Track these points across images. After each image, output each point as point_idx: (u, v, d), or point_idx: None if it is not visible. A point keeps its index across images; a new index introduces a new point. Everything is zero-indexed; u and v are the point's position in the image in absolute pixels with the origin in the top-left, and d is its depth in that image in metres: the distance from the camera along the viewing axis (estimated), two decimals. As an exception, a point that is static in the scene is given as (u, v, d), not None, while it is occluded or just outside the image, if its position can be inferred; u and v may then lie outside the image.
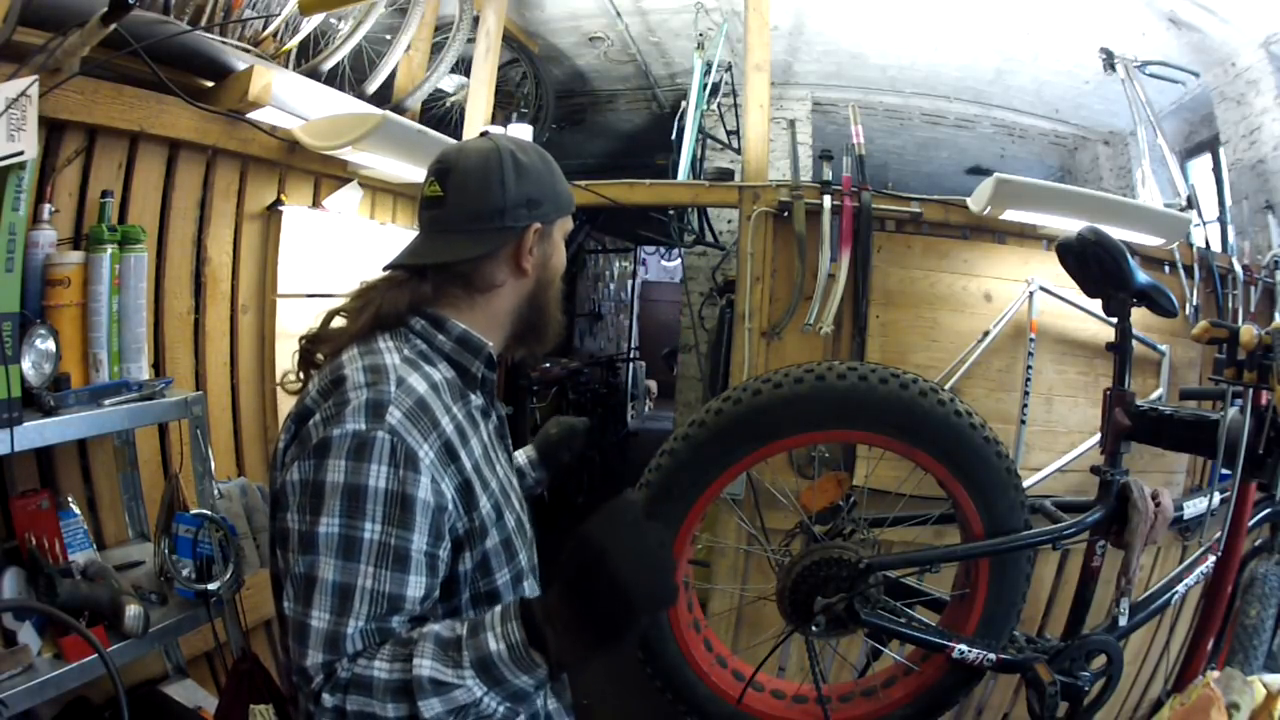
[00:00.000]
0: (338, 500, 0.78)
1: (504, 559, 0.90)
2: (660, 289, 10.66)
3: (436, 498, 0.81)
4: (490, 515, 0.89)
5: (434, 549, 0.82)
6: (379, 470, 0.78)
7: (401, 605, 0.79)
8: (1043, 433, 2.41)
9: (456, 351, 0.94)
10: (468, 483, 0.86)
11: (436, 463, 0.82)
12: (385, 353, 0.88)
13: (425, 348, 0.93)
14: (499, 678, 0.74)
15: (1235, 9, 2.92)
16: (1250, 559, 1.55)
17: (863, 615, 1.27)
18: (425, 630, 0.77)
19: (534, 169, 0.97)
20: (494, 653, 0.73)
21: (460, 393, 0.93)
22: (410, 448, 0.80)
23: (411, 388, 0.84)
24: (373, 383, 0.83)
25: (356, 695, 0.74)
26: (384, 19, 2.50)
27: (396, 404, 0.81)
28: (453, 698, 0.73)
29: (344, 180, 2.26)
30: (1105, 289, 1.36)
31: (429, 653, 0.74)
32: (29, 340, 1.26)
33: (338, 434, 0.79)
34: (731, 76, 3.70)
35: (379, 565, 0.78)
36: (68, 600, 1.24)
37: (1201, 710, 1.21)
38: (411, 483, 0.79)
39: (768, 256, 2.46)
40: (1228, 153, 3.25)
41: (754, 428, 1.23)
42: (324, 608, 0.77)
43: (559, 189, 1.01)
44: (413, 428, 0.81)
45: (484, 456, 0.92)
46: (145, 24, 1.59)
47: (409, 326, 0.94)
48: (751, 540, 1.59)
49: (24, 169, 1.24)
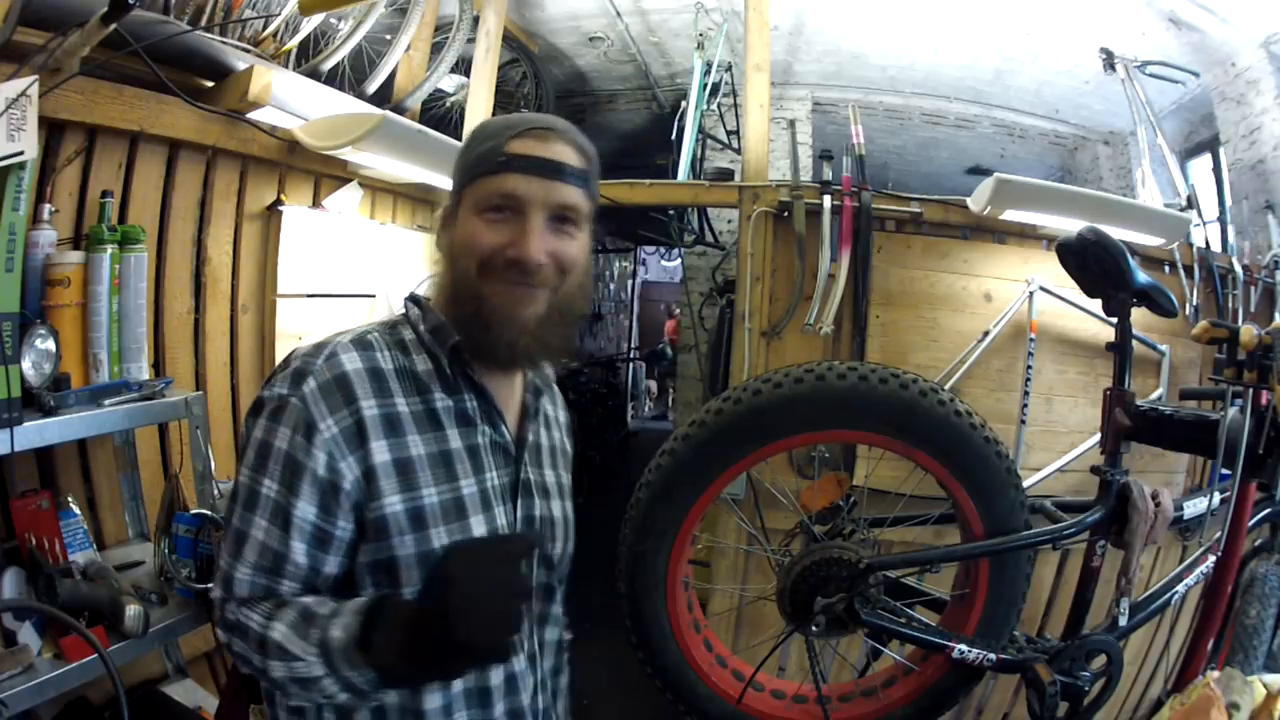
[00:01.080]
0: (253, 453, 0.83)
1: (417, 576, 0.83)
2: (660, 289, 10.66)
3: (330, 473, 0.81)
4: (400, 520, 0.83)
5: (323, 522, 0.81)
6: (284, 433, 0.81)
7: (283, 566, 0.81)
8: (1043, 433, 2.41)
9: (431, 342, 0.90)
10: (371, 472, 0.82)
11: (339, 440, 0.81)
12: (349, 332, 0.89)
13: (407, 336, 0.91)
14: (334, 665, 0.75)
15: (1235, 9, 2.92)
16: (1250, 559, 1.55)
17: (863, 615, 1.27)
18: (301, 600, 0.81)
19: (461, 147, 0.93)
20: (333, 638, 0.74)
21: (421, 386, 0.88)
22: (310, 418, 0.81)
23: (338, 363, 0.83)
24: (308, 354, 0.85)
25: (237, 639, 0.81)
26: (384, 19, 2.49)
27: (316, 375, 0.82)
28: (293, 668, 0.76)
29: (344, 180, 2.26)
30: (1105, 289, 1.36)
31: (288, 620, 0.78)
32: (29, 340, 1.26)
33: (266, 395, 0.84)
34: (731, 76, 3.70)
35: (270, 521, 0.81)
36: (68, 600, 1.24)
37: (1201, 710, 1.21)
38: (304, 451, 0.80)
39: (768, 256, 2.46)
40: (1228, 153, 3.25)
41: (754, 428, 1.23)
42: (226, 549, 0.83)
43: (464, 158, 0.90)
44: (321, 400, 0.81)
45: (431, 459, 0.85)
46: (145, 24, 1.59)
47: (406, 313, 0.94)
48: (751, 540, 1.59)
49: (24, 169, 1.24)
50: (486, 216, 0.86)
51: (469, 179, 0.88)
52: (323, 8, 2.03)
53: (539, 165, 0.86)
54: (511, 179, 0.85)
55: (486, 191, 0.86)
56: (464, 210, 0.89)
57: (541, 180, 0.86)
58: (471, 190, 0.88)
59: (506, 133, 0.87)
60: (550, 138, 0.88)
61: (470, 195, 0.88)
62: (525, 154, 0.86)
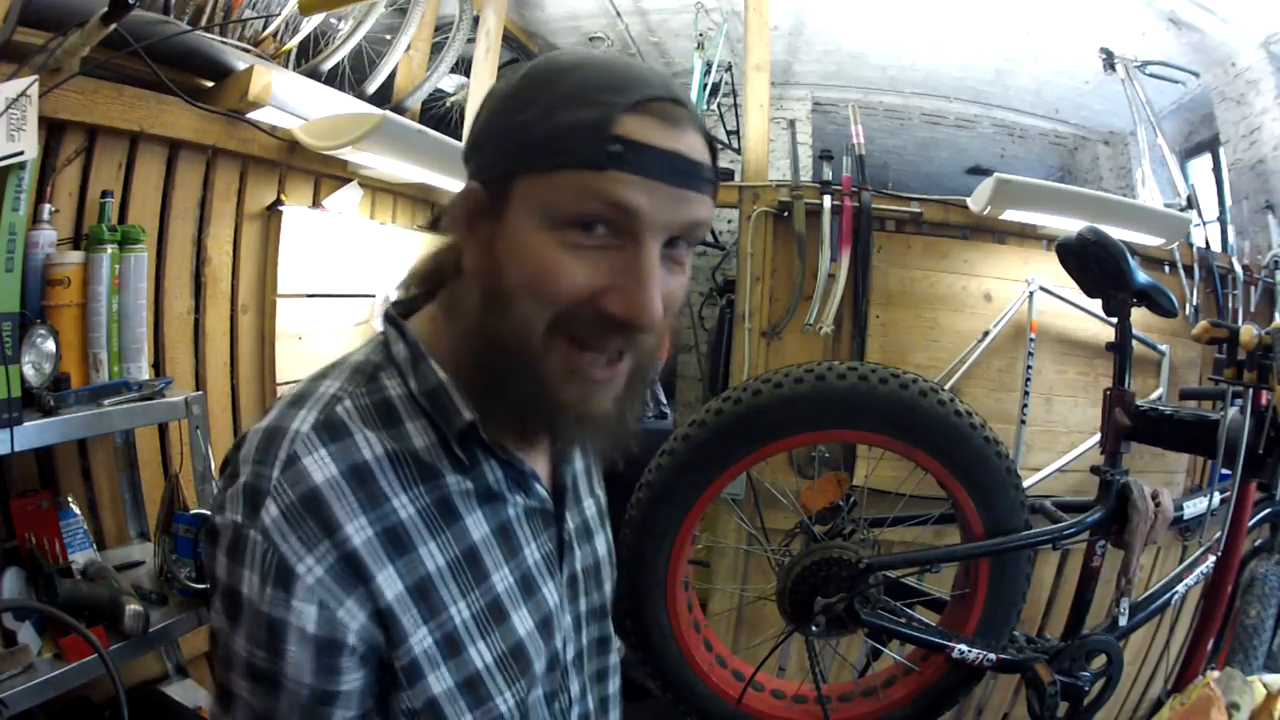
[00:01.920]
0: (220, 597, 0.59)
1: (466, 703, 0.63)
2: (660, 289, 10.65)
3: (325, 628, 0.57)
4: (431, 654, 0.61)
5: (324, 684, 0.59)
6: (251, 578, 0.57)
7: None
8: (1043, 433, 2.41)
9: (432, 410, 0.63)
10: (385, 614, 0.59)
11: (327, 583, 0.57)
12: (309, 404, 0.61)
13: (398, 392, 0.64)
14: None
15: (1235, 9, 2.92)
16: (1250, 559, 1.55)
17: (863, 615, 1.27)
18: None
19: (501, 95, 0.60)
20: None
21: (425, 471, 0.62)
22: (283, 561, 0.56)
23: (301, 474, 0.57)
24: (259, 458, 0.59)
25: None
26: (384, 19, 2.49)
27: (275, 496, 0.57)
28: None
29: (344, 180, 2.26)
30: (1105, 289, 1.36)
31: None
32: (29, 340, 1.26)
33: (220, 522, 0.59)
34: (731, 76, 3.70)
35: (252, 682, 0.58)
36: (68, 600, 1.24)
37: (1201, 710, 1.21)
38: (280, 605, 0.56)
39: (768, 256, 2.46)
40: (1228, 153, 3.25)
41: (754, 428, 1.23)
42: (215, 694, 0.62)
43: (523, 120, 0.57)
44: (290, 533, 0.56)
45: (459, 563, 0.63)
46: (145, 24, 1.59)
47: (391, 354, 0.65)
48: (751, 540, 1.59)
49: (24, 169, 1.24)
50: (570, 237, 0.56)
51: (540, 164, 0.56)
52: (323, 8, 2.03)
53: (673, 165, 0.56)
54: (630, 185, 0.54)
55: (580, 195, 0.55)
56: (524, 215, 0.57)
57: (672, 190, 0.56)
58: (545, 184, 0.56)
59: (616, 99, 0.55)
60: (682, 118, 0.57)
61: (541, 192, 0.56)
62: (653, 145, 0.55)
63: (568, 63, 0.59)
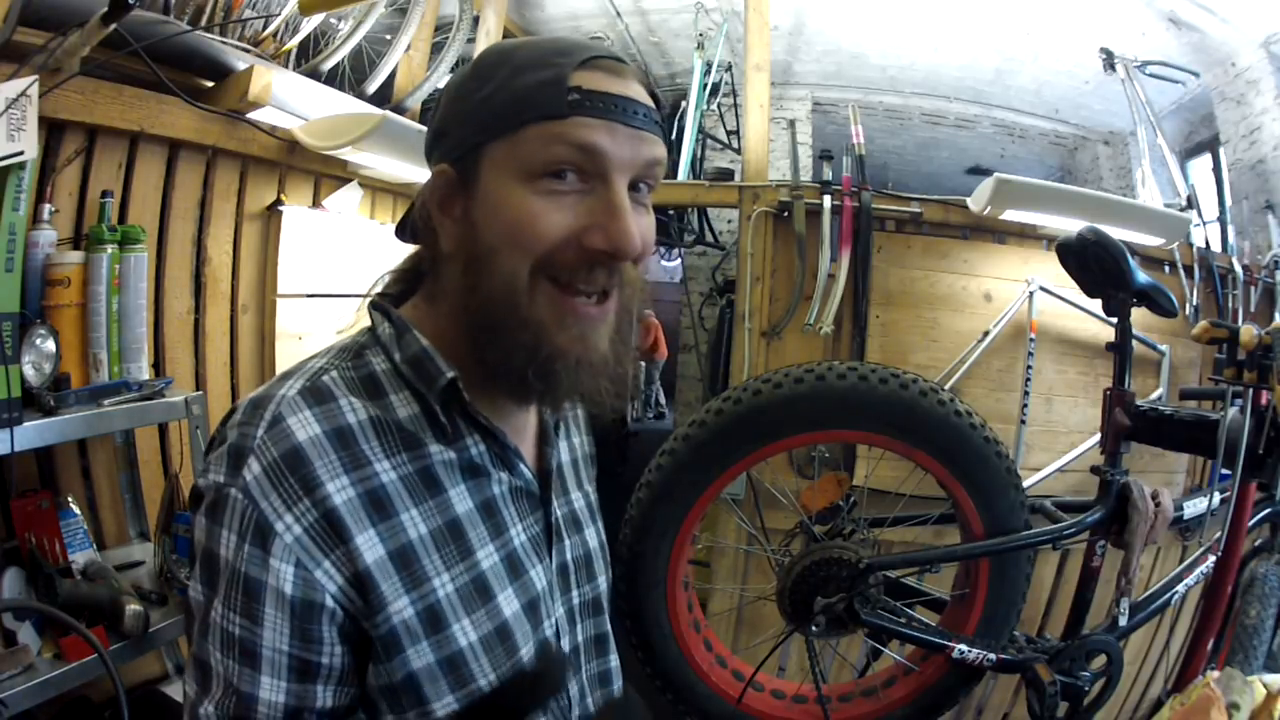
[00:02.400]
0: (199, 563, 0.60)
1: (448, 684, 0.62)
2: (660, 289, 10.66)
3: (302, 588, 0.57)
4: (411, 625, 0.60)
5: (302, 651, 0.58)
6: (228, 538, 0.57)
7: (254, 710, 0.57)
8: (1043, 433, 2.41)
9: (414, 378, 0.64)
10: (362, 577, 0.58)
11: (304, 542, 0.57)
12: (294, 376, 0.63)
13: (383, 367, 0.65)
14: None
15: (1235, 9, 2.92)
16: (1250, 559, 1.55)
17: (863, 615, 1.27)
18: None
19: (460, 80, 0.65)
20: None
21: (408, 440, 0.63)
22: (262, 518, 0.56)
23: (285, 433, 0.58)
24: (245, 420, 0.60)
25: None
26: (384, 19, 2.49)
27: (258, 454, 0.58)
28: None
29: (344, 180, 2.26)
30: (1105, 289, 1.36)
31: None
32: (29, 340, 1.26)
33: (203, 484, 0.60)
34: (731, 76, 3.70)
35: (226, 653, 0.58)
36: (68, 600, 1.24)
37: (1201, 710, 1.21)
38: (257, 564, 0.56)
39: (768, 256, 2.46)
40: (1228, 153, 3.25)
41: (754, 428, 1.23)
42: (190, 677, 0.61)
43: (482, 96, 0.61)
44: (270, 490, 0.57)
45: (438, 536, 0.63)
46: (145, 24, 1.59)
47: (377, 333, 0.68)
48: (751, 540, 1.59)
49: (24, 169, 1.24)
50: (544, 185, 0.60)
51: (506, 126, 0.59)
52: (323, 8, 2.03)
53: (626, 108, 0.60)
54: (589, 126, 0.58)
55: (547, 144, 0.58)
56: (495, 177, 0.61)
57: (630, 131, 0.60)
58: (513, 144, 0.59)
59: (564, 60, 0.59)
60: (626, 72, 0.62)
61: (511, 152, 0.60)
62: (607, 91, 0.59)
63: (514, 43, 0.64)
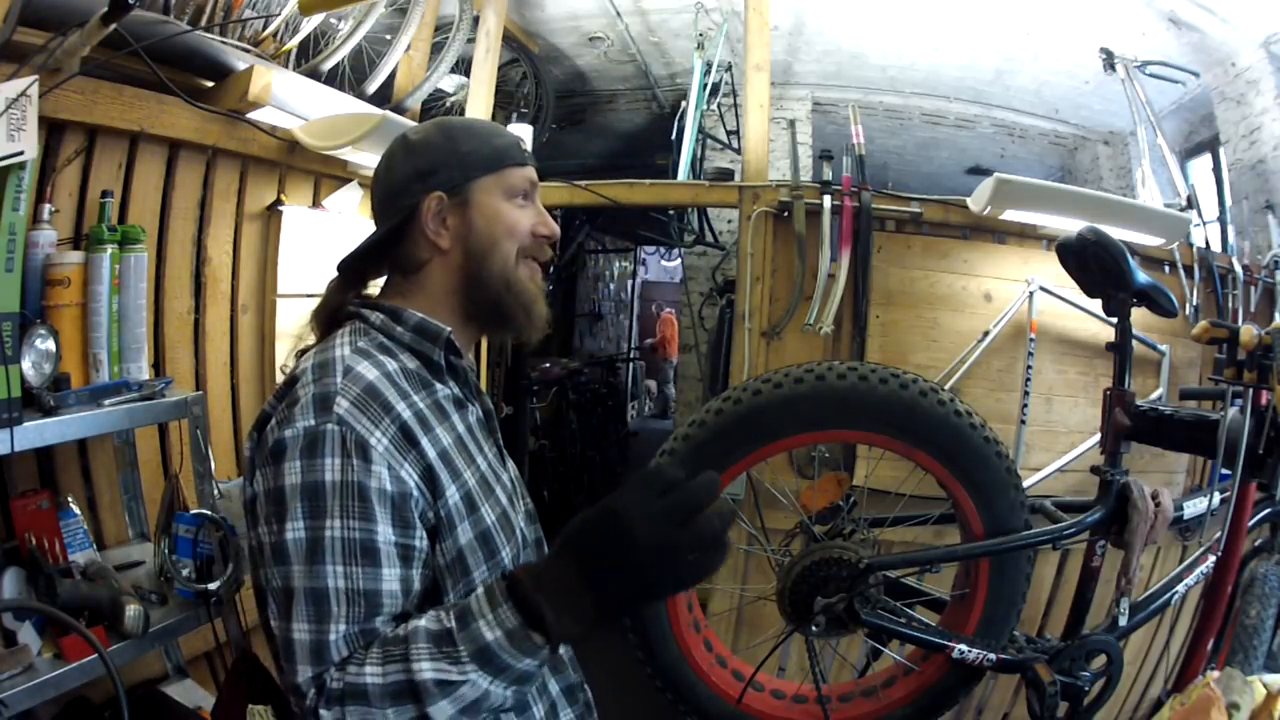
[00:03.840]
0: (299, 502, 0.75)
1: (481, 556, 0.84)
2: (660, 289, 10.66)
3: (396, 484, 0.77)
4: (459, 507, 0.83)
5: (404, 538, 0.77)
6: (332, 463, 0.75)
7: (379, 602, 0.75)
8: (1043, 433, 2.41)
9: (416, 340, 0.90)
10: (430, 469, 0.81)
11: (393, 449, 0.78)
12: (336, 347, 0.85)
13: (385, 340, 0.89)
14: (502, 665, 0.69)
15: (1235, 9, 2.92)
16: (1250, 559, 1.55)
17: (863, 615, 1.27)
18: (412, 628, 0.72)
19: (424, 142, 0.94)
20: (491, 642, 0.69)
21: (423, 382, 0.88)
22: (360, 436, 0.76)
23: (359, 375, 0.80)
24: (319, 378, 0.80)
25: (354, 705, 0.70)
26: (384, 19, 2.50)
27: (343, 393, 0.78)
28: (460, 695, 0.69)
29: (344, 180, 2.26)
30: (1105, 289, 1.36)
31: (425, 653, 0.70)
32: (29, 340, 1.26)
33: (289, 434, 0.77)
34: (731, 76, 3.70)
35: (348, 563, 0.74)
36: (68, 600, 1.24)
37: (1201, 710, 1.21)
38: (364, 472, 0.75)
39: (768, 256, 2.46)
40: (1228, 153, 3.25)
41: (754, 428, 1.23)
42: (303, 617, 0.74)
43: (465, 150, 0.93)
44: (361, 415, 0.77)
45: (456, 445, 0.86)
46: (145, 24, 1.59)
47: (368, 321, 0.91)
48: (751, 540, 1.59)
49: (24, 169, 1.24)
50: (517, 203, 0.94)
51: (491, 168, 0.93)
52: (323, 8, 2.03)
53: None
54: (531, 170, 0.97)
55: (519, 180, 0.95)
56: (487, 198, 0.93)
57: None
58: (498, 179, 0.94)
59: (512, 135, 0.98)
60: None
61: (496, 184, 0.94)
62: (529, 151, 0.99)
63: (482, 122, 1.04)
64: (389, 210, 0.95)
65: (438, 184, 0.92)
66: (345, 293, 0.96)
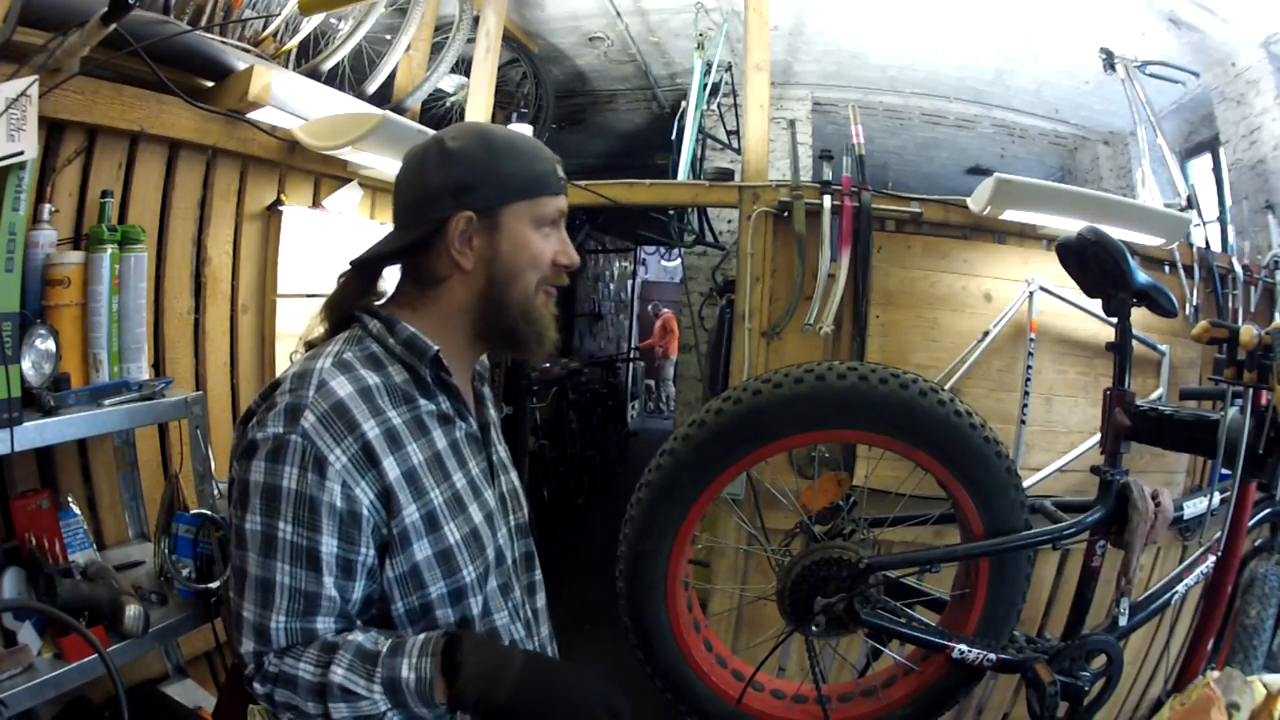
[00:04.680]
0: (258, 499, 0.81)
1: (440, 573, 0.87)
2: (660, 289, 10.67)
3: (347, 502, 0.81)
4: (417, 525, 0.85)
5: (346, 553, 0.82)
6: (290, 472, 0.80)
7: (318, 604, 0.82)
8: (1043, 433, 2.41)
9: (405, 354, 0.91)
10: (388, 490, 0.83)
11: (350, 468, 0.81)
12: (321, 356, 0.87)
13: (377, 349, 0.91)
14: (401, 701, 0.80)
15: (1235, 9, 2.92)
16: (1250, 559, 1.55)
17: (863, 615, 1.27)
18: (350, 639, 0.82)
19: (464, 153, 0.91)
20: (403, 679, 0.79)
21: (405, 396, 0.89)
22: (319, 452, 0.80)
23: (330, 391, 0.83)
24: (295, 388, 0.83)
25: (282, 689, 0.82)
26: (384, 19, 2.50)
27: (312, 408, 0.81)
28: (358, 707, 0.80)
29: (344, 180, 2.26)
30: (1105, 289, 1.36)
31: (345, 662, 0.80)
32: (29, 340, 1.26)
33: (260, 436, 0.82)
34: (731, 76, 3.70)
35: (294, 564, 0.81)
36: (68, 600, 1.24)
37: (1201, 710, 1.21)
38: (317, 486, 0.80)
39: (768, 256, 2.46)
40: (1228, 153, 3.25)
41: (754, 428, 1.23)
42: (251, 600, 0.82)
43: (507, 171, 0.91)
44: (324, 431, 0.81)
45: (430, 462, 0.88)
46: (145, 24, 1.59)
47: (366, 327, 0.92)
48: (751, 540, 1.59)
49: (24, 169, 1.24)
50: (544, 231, 0.94)
51: (527, 195, 0.92)
52: (323, 8, 2.03)
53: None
54: (563, 199, 0.96)
55: (550, 209, 0.94)
56: (517, 224, 0.92)
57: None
58: (531, 206, 0.92)
59: (551, 160, 0.95)
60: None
61: (529, 211, 0.92)
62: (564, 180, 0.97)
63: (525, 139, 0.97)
64: (416, 217, 0.92)
65: (471, 202, 0.90)
66: (358, 291, 0.97)
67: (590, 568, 1.11)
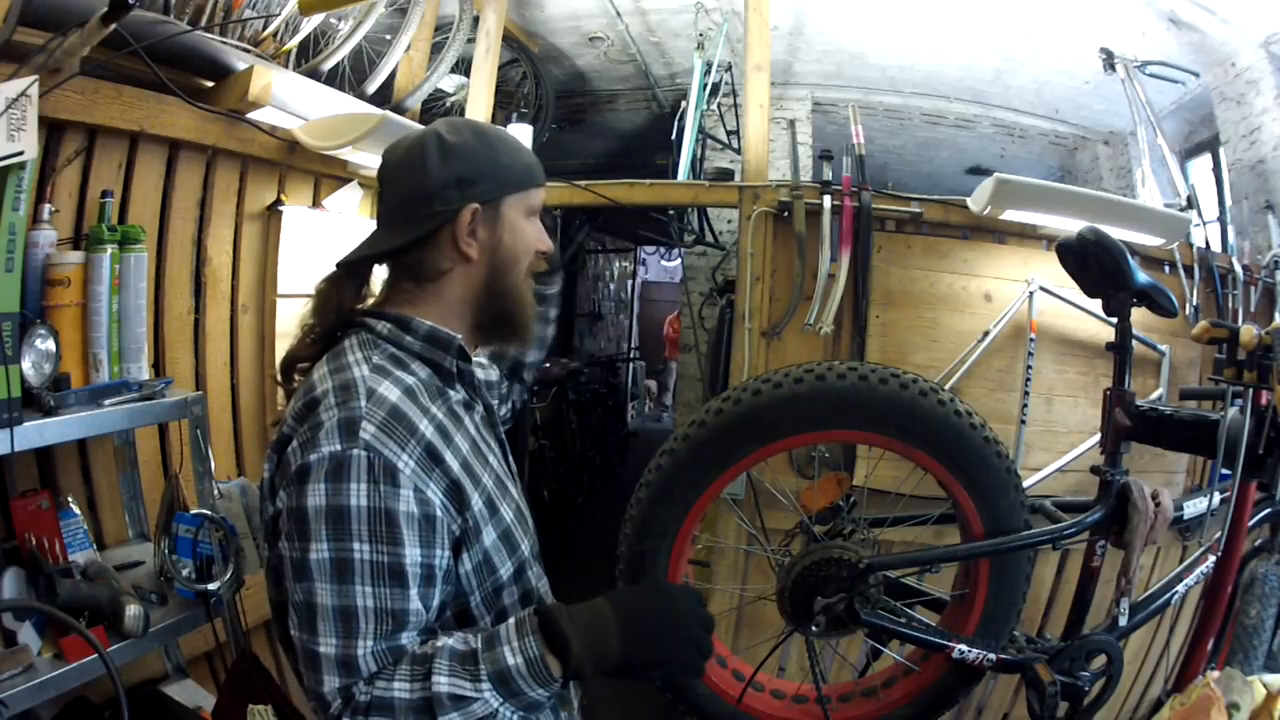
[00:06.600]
0: (323, 524, 0.77)
1: (505, 552, 0.89)
2: (660, 289, 10.66)
3: (422, 507, 0.79)
4: (483, 512, 0.87)
5: (429, 559, 0.80)
6: (359, 489, 0.77)
7: (406, 620, 0.79)
8: (1043, 433, 2.41)
9: (427, 349, 0.91)
10: (456, 484, 0.83)
11: (419, 470, 0.80)
12: (353, 366, 0.85)
13: (395, 351, 0.90)
14: (515, 690, 0.77)
15: (1235, 9, 2.92)
16: (1250, 559, 1.55)
17: (863, 615, 1.27)
18: (440, 645, 0.79)
19: (464, 147, 0.92)
20: (511, 667, 0.76)
21: (438, 391, 0.89)
22: (388, 461, 0.78)
23: (382, 398, 0.81)
24: (343, 401, 0.81)
25: (380, 717, 0.76)
26: (384, 19, 2.49)
27: (369, 418, 0.79)
28: (471, 711, 0.76)
29: (344, 180, 2.26)
30: (1105, 289, 1.36)
31: (445, 669, 0.76)
32: (29, 340, 1.26)
33: (315, 458, 0.78)
34: (731, 76, 3.70)
35: (375, 584, 0.77)
36: (68, 600, 1.24)
37: (1201, 710, 1.21)
38: (392, 497, 0.78)
39: (768, 256, 2.46)
40: (1228, 153, 3.25)
41: (754, 428, 1.23)
42: (330, 633, 0.77)
43: (504, 163, 0.93)
44: (388, 439, 0.79)
45: (473, 451, 0.89)
46: (145, 24, 1.59)
47: (374, 331, 0.91)
48: (751, 540, 1.59)
49: (24, 169, 1.24)
50: (533, 220, 0.98)
51: (522, 186, 0.95)
52: (323, 8, 2.03)
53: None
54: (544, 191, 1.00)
55: (538, 199, 0.98)
56: (514, 214, 0.95)
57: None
58: (525, 197, 0.96)
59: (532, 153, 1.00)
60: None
61: (523, 201, 0.96)
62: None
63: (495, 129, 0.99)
64: (417, 212, 0.91)
65: (477, 195, 0.91)
66: (349, 294, 0.96)
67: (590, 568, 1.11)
